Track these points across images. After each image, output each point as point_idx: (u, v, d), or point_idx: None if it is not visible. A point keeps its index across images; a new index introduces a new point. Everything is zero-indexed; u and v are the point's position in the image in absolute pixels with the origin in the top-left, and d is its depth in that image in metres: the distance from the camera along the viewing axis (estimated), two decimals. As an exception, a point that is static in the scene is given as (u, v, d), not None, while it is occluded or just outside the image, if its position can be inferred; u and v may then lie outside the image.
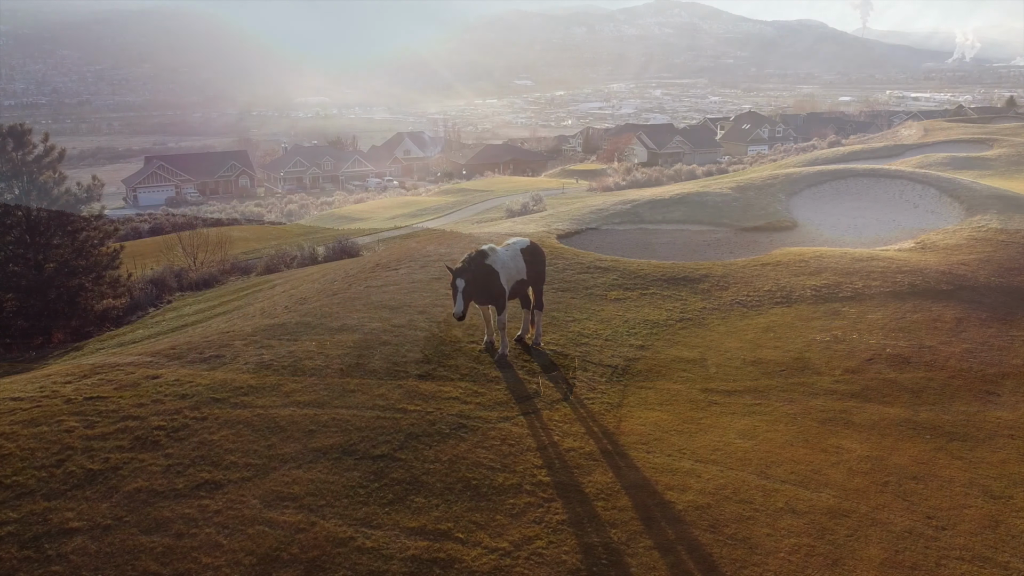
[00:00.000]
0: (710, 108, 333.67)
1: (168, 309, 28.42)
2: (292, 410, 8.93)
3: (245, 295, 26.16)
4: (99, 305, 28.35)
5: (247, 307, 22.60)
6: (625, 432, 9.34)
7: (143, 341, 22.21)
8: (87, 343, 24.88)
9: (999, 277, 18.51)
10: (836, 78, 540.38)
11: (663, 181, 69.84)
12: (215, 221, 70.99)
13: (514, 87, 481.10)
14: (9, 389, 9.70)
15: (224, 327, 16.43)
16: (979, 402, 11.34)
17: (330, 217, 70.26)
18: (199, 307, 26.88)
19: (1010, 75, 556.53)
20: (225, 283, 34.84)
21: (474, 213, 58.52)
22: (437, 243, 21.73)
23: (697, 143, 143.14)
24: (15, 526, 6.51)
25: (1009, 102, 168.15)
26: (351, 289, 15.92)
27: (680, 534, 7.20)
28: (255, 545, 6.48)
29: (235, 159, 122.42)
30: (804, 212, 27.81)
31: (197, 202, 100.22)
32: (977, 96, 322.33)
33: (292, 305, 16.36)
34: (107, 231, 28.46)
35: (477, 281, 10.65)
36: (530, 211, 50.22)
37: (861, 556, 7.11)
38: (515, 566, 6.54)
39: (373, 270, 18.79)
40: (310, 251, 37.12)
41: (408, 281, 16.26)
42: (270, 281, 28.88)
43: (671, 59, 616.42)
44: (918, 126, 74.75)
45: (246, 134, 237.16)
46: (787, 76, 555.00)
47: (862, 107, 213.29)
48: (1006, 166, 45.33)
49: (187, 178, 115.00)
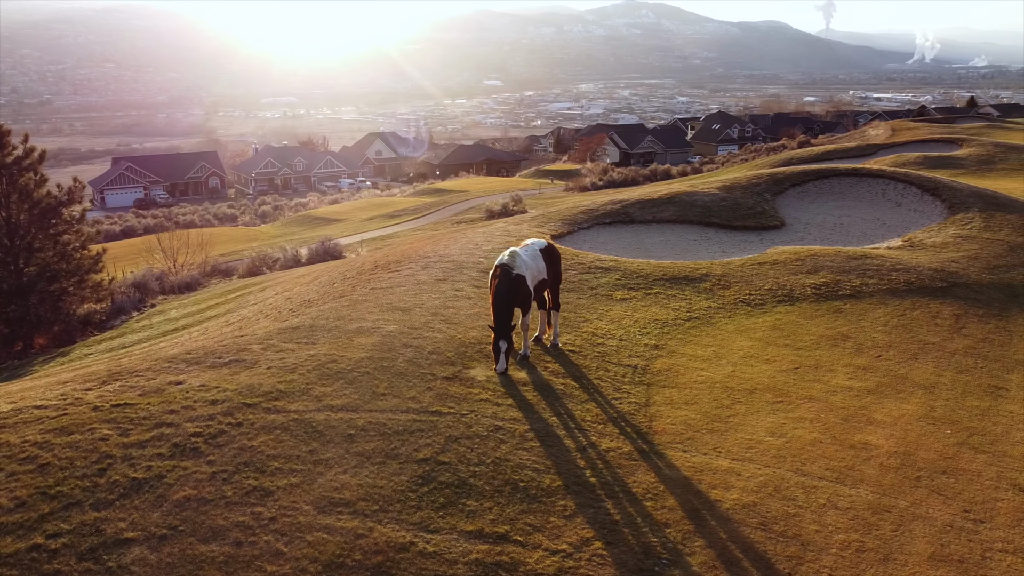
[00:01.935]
0: (678, 108, 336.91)
1: (152, 313, 27.96)
2: (327, 414, 8.84)
3: (234, 298, 25.84)
4: (81, 309, 27.83)
5: (239, 310, 22.33)
6: (657, 431, 9.39)
7: (134, 346, 21.85)
8: (73, 348, 24.40)
9: (989, 274, 18.90)
10: (801, 78, 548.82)
11: (639, 181, 70.32)
12: (188, 223, 70.07)
13: (483, 87, 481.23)
14: (28, 396, 9.49)
15: (231, 331, 16.21)
16: (990, 397, 11.57)
17: (306, 218, 69.66)
18: (186, 311, 26.49)
19: (969, 76, 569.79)
20: (207, 286, 34.38)
21: (453, 214, 58.40)
22: (433, 243, 21.64)
23: (668, 143, 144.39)
24: (68, 538, 6.36)
25: (970, 102, 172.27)
26: (356, 291, 15.79)
27: (732, 533, 7.26)
28: (317, 552, 6.40)
29: (205, 160, 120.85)
30: (790, 211, 28.15)
31: (167, 204, 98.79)
32: (937, 96, 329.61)
33: (298, 308, 16.20)
34: (89, 234, 27.92)
35: (511, 292, 10.77)
36: (511, 212, 50.24)
37: (910, 551, 7.24)
38: (579, 568, 6.55)
39: (373, 271, 18.65)
40: (293, 253, 36.78)
41: (413, 282, 16.18)
42: (258, 283, 28.56)
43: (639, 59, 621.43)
44: (885, 126, 75.97)
45: (213, 134, 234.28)
46: (753, 76, 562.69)
47: (828, 107, 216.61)
48: (977, 165, 46.31)
49: (156, 179, 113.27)
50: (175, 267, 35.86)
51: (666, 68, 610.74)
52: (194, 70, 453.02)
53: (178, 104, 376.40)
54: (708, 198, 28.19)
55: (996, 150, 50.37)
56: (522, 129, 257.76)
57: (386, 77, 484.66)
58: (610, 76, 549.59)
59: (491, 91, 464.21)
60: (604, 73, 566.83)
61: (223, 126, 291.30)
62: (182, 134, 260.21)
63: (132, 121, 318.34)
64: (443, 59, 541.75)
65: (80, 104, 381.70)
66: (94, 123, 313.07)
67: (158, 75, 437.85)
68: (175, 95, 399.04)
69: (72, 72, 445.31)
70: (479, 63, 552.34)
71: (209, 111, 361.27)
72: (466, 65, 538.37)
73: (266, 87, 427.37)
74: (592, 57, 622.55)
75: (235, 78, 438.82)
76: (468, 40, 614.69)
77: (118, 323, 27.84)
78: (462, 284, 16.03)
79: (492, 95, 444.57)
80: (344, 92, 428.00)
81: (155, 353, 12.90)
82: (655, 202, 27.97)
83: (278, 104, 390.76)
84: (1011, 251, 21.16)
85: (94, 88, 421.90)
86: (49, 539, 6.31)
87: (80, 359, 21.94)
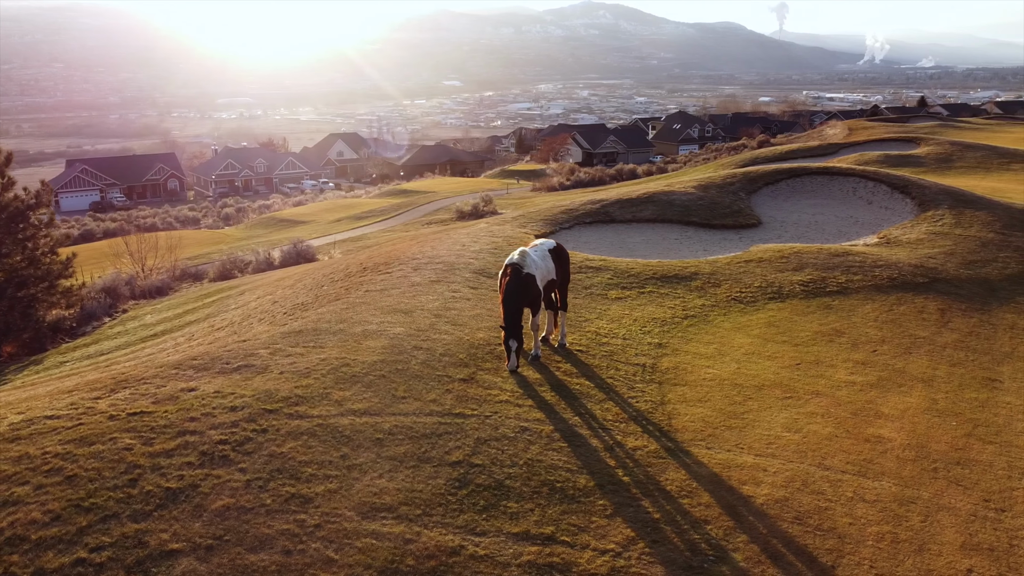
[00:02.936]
0: (636, 108, 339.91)
1: (126, 319, 27.31)
2: (351, 419, 8.74)
3: (212, 302, 25.37)
4: (50, 316, 27.07)
5: (222, 315, 21.93)
6: (678, 429, 9.47)
7: (114, 353, 21.32)
8: (45, 356, 23.72)
9: (966, 269, 19.43)
10: (756, 78, 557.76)
11: (606, 181, 70.72)
12: (149, 226, 68.57)
13: (443, 88, 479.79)
14: (35, 407, 9.22)
15: (225, 335, 15.93)
16: (986, 389, 11.90)
17: (271, 220, 68.64)
18: (162, 316, 25.93)
19: (917, 76, 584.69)
20: (179, 290, 33.70)
21: (423, 215, 58.07)
22: (419, 245, 21.52)
23: (630, 143, 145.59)
24: (112, 550, 6.18)
25: (921, 102, 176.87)
26: (352, 294, 15.63)
27: (770, 528, 7.36)
28: (369, 558, 6.32)
29: (163, 162, 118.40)
30: (766, 210, 28.58)
31: (125, 206, 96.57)
32: (887, 96, 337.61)
33: (292, 311, 15.99)
34: (58, 238, 27.17)
35: (522, 291, 10.78)
36: (482, 213, 50.08)
37: (941, 540, 7.42)
38: (631, 567, 6.58)
39: (362, 274, 18.48)
40: (266, 255, 36.22)
41: (407, 284, 16.07)
42: (233, 287, 28.07)
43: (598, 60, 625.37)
44: (842, 125, 77.45)
45: (168, 136, 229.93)
46: (710, 77, 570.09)
47: (784, 107, 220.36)
48: (937, 163, 47.51)
49: (112, 182, 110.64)
50: (144, 271, 35.06)
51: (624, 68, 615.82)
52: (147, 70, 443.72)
53: (131, 105, 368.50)
54: (686, 197, 28.48)
55: (953, 149, 51.70)
56: (483, 129, 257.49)
57: (344, 78, 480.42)
58: (569, 76, 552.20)
59: (450, 91, 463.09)
60: (563, 73, 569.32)
61: (178, 127, 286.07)
62: (135, 135, 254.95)
63: (83, 122, 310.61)
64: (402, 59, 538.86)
65: (28, 105, 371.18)
66: (43, 124, 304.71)
67: (109, 75, 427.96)
68: (127, 96, 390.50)
69: (19, 72, 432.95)
70: (438, 63, 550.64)
71: (163, 112, 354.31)
72: (425, 65, 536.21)
73: (221, 88, 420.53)
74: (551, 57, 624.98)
75: (189, 78, 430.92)
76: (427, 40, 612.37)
77: (90, 329, 27.15)
78: (457, 285, 15.97)
79: (452, 95, 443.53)
80: (302, 93, 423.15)
81: (155, 359, 12.63)
82: (634, 201, 28.16)
83: (234, 105, 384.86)
84: (983, 247, 21.78)
85: (42, 89, 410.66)
86: (93, 553, 6.13)
87: (56, 367, 21.34)
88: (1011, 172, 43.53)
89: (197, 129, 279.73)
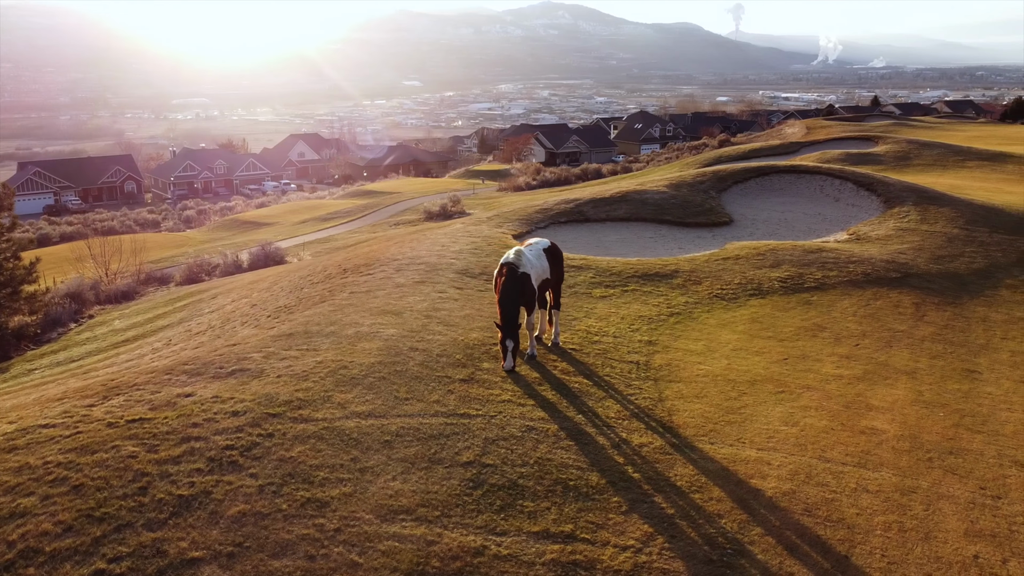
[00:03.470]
0: (597, 108, 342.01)
1: (94, 324, 26.69)
2: (356, 421, 8.67)
3: (184, 306, 24.92)
4: (12, 322, 26.34)
5: (196, 319, 21.55)
6: (680, 425, 9.57)
7: (86, 359, 20.82)
8: (10, 364, 23.08)
9: (936, 264, 19.93)
10: (713, 78, 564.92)
11: (572, 180, 71.00)
12: (108, 229, 67.05)
13: (403, 88, 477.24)
14: (26, 416, 8.98)
15: (207, 339, 15.66)
16: (968, 381, 12.23)
17: (234, 223, 67.63)
18: (131, 321, 25.40)
19: (869, 76, 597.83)
20: (145, 294, 33.03)
21: (390, 215, 57.74)
22: (398, 246, 21.40)
23: (592, 143, 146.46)
24: (131, 560, 6.04)
25: (874, 101, 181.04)
26: (336, 296, 15.49)
27: (782, 520, 7.48)
28: (394, 561, 6.27)
29: (119, 164, 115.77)
30: (736, 207, 28.98)
31: (81, 210, 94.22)
32: (841, 96, 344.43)
33: (276, 314, 15.79)
34: (20, 242, 26.45)
35: (518, 291, 10.80)
36: (450, 213, 49.95)
37: (945, 528, 7.62)
38: (653, 562, 6.63)
39: (343, 275, 18.32)
40: (234, 258, 35.70)
41: (392, 285, 15.98)
42: (204, 291, 27.61)
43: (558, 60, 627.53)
44: (800, 124, 78.78)
45: (122, 137, 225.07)
46: (668, 77, 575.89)
47: (742, 107, 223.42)
48: (895, 161, 48.57)
49: (67, 185, 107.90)
50: (108, 275, 34.29)
51: (584, 69, 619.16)
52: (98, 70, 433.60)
53: (82, 106, 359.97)
54: (659, 196, 28.76)
55: (910, 147, 52.94)
56: (444, 130, 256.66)
57: (304, 78, 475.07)
58: (529, 76, 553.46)
59: (411, 92, 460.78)
60: (523, 73, 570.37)
61: (132, 128, 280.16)
62: (88, 137, 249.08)
63: (33, 124, 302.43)
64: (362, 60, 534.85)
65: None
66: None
67: (60, 75, 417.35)
68: (79, 96, 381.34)
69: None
70: (398, 64, 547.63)
71: (116, 113, 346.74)
72: (385, 66, 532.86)
73: (177, 88, 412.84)
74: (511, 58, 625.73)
75: (143, 78, 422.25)
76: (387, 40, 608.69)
77: (55, 336, 26.49)
78: (443, 286, 15.92)
79: (412, 96, 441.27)
80: (260, 93, 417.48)
81: (140, 365, 12.39)
82: (608, 201, 28.35)
83: (190, 105, 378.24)
84: (950, 242, 22.36)
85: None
86: (111, 564, 5.98)
87: (24, 375, 20.79)
88: (966, 169, 44.73)
89: (152, 130, 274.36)
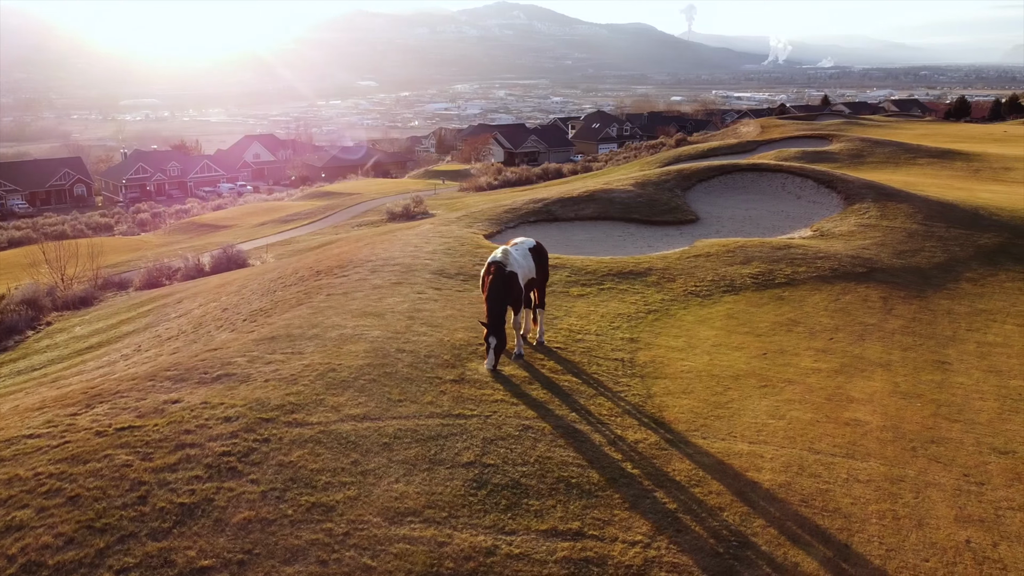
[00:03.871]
0: (553, 108, 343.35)
1: (52, 331, 25.96)
2: (352, 424, 8.59)
3: (148, 311, 24.39)
4: (-34, 331, 25.49)
5: (163, 324, 21.11)
6: (671, 421, 9.69)
7: (48, 367, 20.23)
8: (-32, 373, 22.29)
9: (899, 259, 20.47)
10: (667, 78, 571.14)
11: (533, 180, 71.18)
12: (59, 233, 65.22)
13: (358, 88, 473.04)
14: (7, 427, 8.71)
15: (183, 344, 15.34)
16: (939, 372, 12.59)
17: (191, 225, 66.32)
18: (94, 327, 24.76)
19: (818, 76, 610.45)
20: (104, 299, 32.21)
21: (351, 216, 57.22)
22: (370, 247, 21.24)
23: (551, 142, 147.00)
24: (139, 571, 5.90)
25: (824, 101, 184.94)
26: (313, 298, 15.33)
27: (781, 511, 7.63)
28: (408, 563, 6.24)
29: (68, 166, 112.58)
30: (702, 206, 29.38)
31: (28, 214, 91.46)
32: (791, 95, 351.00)
33: (252, 317, 15.55)
34: (-26, 249, 25.55)
35: (505, 289, 10.81)
36: (413, 214, 49.70)
37: (936, 515, 7.85)
38: (662, 556, 6.71)
39: (316, 277, 18.13)
40: (195, 262, 35.03)
41: (369, 287, 15.86)
42: (168, 295, 27.03)
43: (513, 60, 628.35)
44: (755, 123, 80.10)
45: (68, 139, 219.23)
46: (623, 77, 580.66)
47: (697, 106, 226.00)
48: (850, 159, 49.70)
49: (12, 188, 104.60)
50: (64, 281, 33.38)
51: (540, 68, 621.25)
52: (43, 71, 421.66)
53: (26, 107, 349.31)
54: (625, 195, 29.01)
55: (863, 145, 54.22)
56: (401, 130, 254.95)
57: (257, 78, 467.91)
58: (485, 76, 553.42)
59: (366, 92, 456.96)
60: (479, 73, 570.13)
61: (79, 130, 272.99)
62: (32, 139, 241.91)
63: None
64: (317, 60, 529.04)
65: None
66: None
67: (2, 76, 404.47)
68: (22, 97, 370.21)
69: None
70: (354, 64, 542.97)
71: (62, 114, 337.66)
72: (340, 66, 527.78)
73: (125, 88, 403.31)
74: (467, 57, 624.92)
75: (90, 79, 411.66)
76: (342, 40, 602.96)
77: (12, 344, 25.70)
78: (421, 287, 15.86)
79: (368, 96, 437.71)
80: (212, 93, 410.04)
81: (116, 372, 12.11)
82: (575, 200, 28.50)
83: (139, 106, 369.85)
84: (910, 237, 22.98)
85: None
86: (119, 575, 5.84)
87: (-16, 384, 20.11)
88: (918, 166, 46.00)
89: (100, 132, 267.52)
